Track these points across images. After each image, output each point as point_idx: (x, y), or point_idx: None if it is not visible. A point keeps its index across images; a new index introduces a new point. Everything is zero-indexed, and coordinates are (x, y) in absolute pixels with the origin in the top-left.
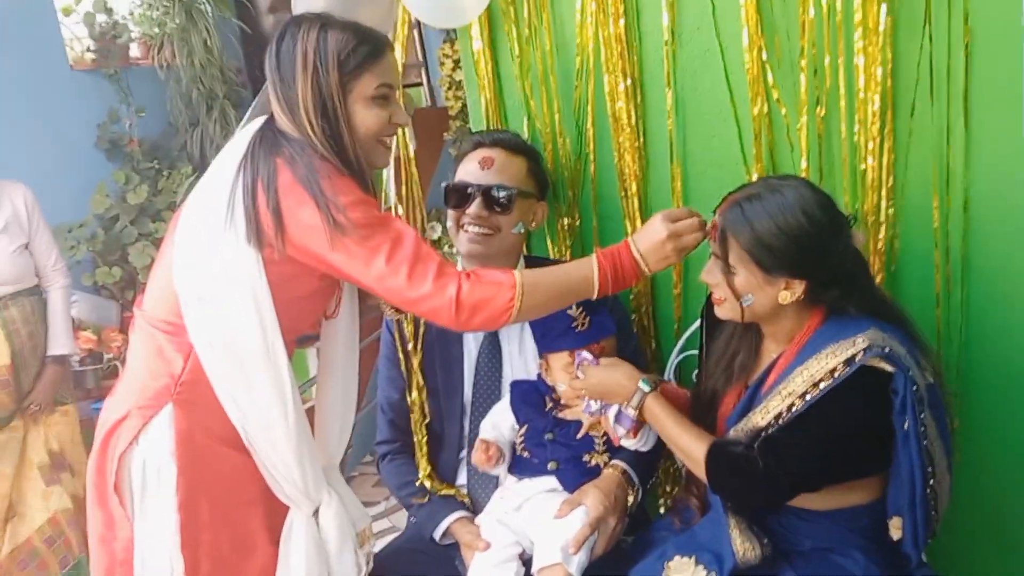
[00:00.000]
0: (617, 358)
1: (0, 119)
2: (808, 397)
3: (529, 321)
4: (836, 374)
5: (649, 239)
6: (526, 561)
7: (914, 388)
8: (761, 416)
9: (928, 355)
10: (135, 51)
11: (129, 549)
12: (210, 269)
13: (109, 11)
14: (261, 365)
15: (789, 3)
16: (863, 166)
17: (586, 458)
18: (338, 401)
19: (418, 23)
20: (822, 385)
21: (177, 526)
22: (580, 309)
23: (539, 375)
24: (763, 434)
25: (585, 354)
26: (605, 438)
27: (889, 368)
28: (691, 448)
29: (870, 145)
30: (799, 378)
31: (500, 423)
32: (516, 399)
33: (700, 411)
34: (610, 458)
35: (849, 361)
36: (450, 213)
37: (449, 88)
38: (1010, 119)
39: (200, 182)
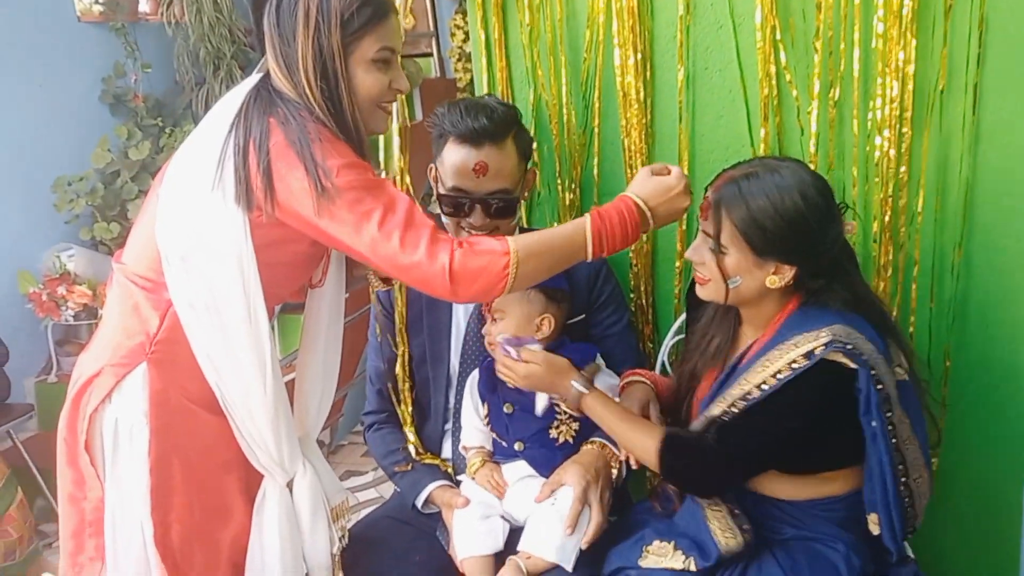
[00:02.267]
0: (545, 353)
1: (3, 68)
2: (764, 387)
3: None
4: (795, 366)
5: (657, 188)
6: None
7: (879, 387)
8: (718, 405)
9: (905, 353)
10: (144, 6)
11: (99, 509)
12: (195, 228)
13: None
14: (242, 329)
15: None
16: (877, 154)
17: (552, 433)
18: (319, 373)
19: None
20: (779, 376)
21: (148, 488)
22: None
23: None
24: (718, 421)
25: (505, 343)
26: None
27: (852, 365)
28: (642, 441)
29: (886, 132)
30: (760, 368)
31: (470, 411)
32: (481, 380)
33: (679, 393)
34: (578, 429)
35: (809, 354)
36: (446, 218)
37: (459, 60)
38: (1019, 107)
39: (190, 137)
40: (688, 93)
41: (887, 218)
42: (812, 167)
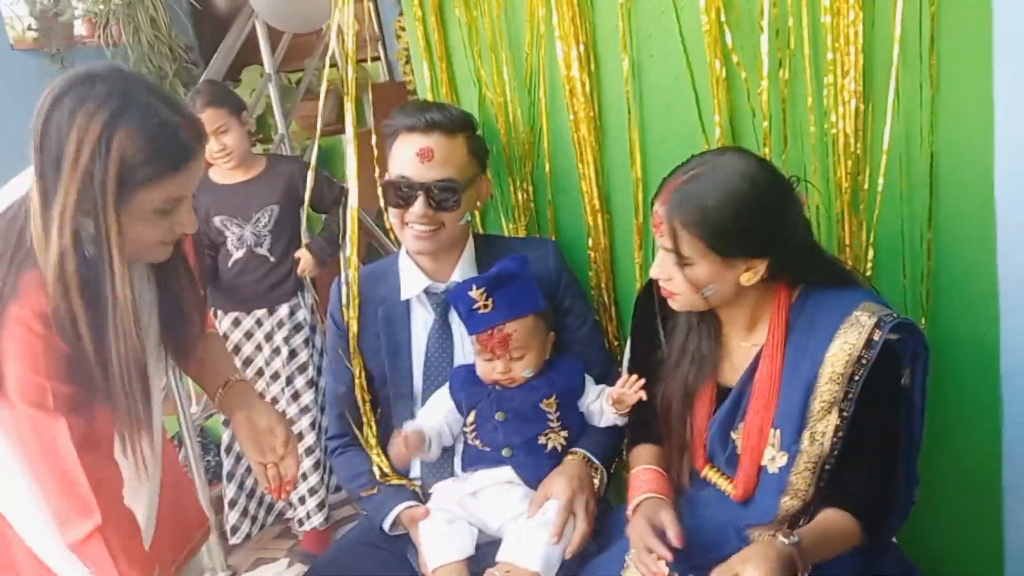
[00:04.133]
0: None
1: None
2: (851, 396)
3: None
4: (864, 362)
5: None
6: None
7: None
8: (815, 442)
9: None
10: (79, 29)
11: None
12: None
13: None
14: None
15: None
16: (833, 131)
17: (542, 440)
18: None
19: None
20: (856, 378)
21: None
22: (482, 289)
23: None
24: (832, 459)
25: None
26: (559, 413)
27: (894, 336)
28: (844, 536)
29: (841, 109)
30: (828, 385)
31: (436, 413)
32: (456, 386)
33: (672, 415)
34: (567, 436)
35: (869, 344)
36: (391, 210)
37: (407, 62)
38: (978, 79)
39: None
40: (635, 82)
41: (847, 196)
42: (767, 149)
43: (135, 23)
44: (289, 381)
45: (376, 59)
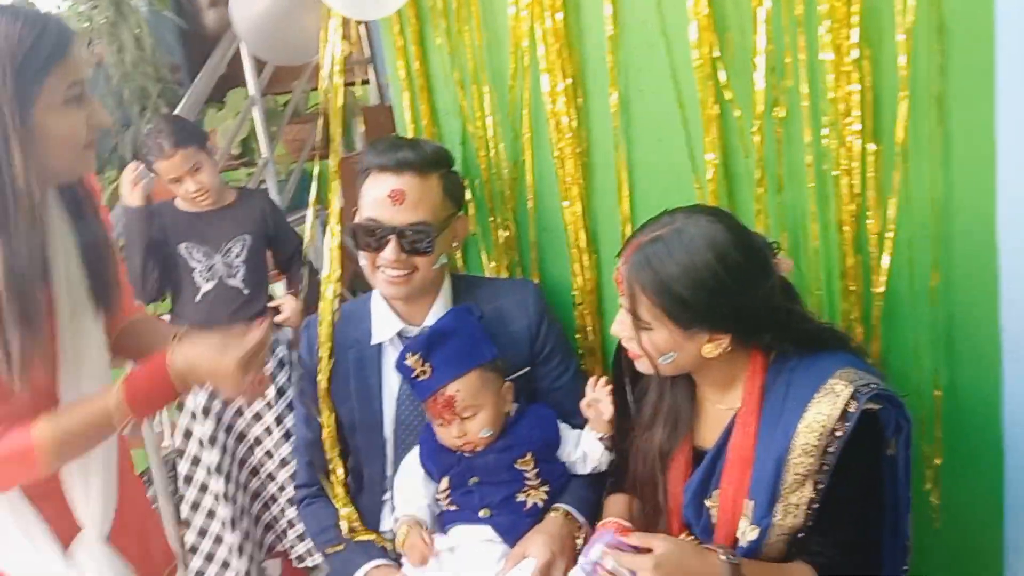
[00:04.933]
0: (664, 538)
1: None
2: (826, 468)
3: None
4: (838, 434)
5: (208, 367)
6: None
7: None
8: (788, 514)
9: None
10: None
11: None
12: None
13: (31, 6)
14: None
15: None
16: (835, 172)
17: (520, 497)
18: (73, 466)
19: None
20: (831, 450)
21: None
22: (417, 354)
23: None
24: (806, 528)
25: (598, 546)
26: (536, 469)
27: (875, 406)
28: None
29: (842, 149)
30: (801, 458)
31: (414, 485)
32: (425, 454)
33: (644, 476)
34: (548, 491)
35: (845, 415)
36: (361, 253)
37: None
38: (982, 120)
39: None
40: (623, 118)
41: (849, 239)
42: (761, 189)
43: (119, 42)
44: (279, 420)
45: (366, 83)
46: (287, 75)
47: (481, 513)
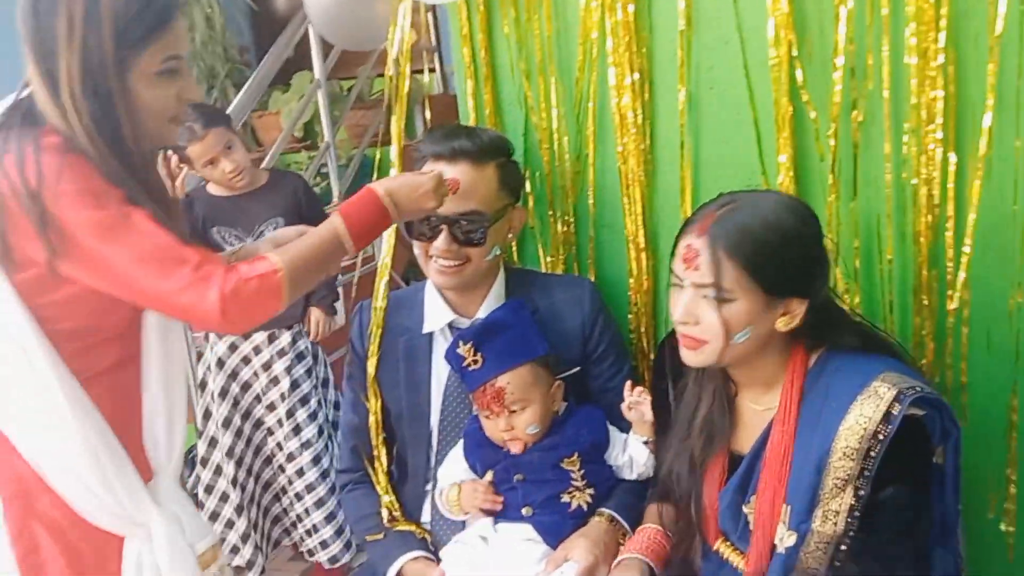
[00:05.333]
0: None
1: None
2: (867, 473)
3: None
4: (881, 437)
5: (405, 183)
6: None
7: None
8: (828, 521)
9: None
10: None
11: None
12: None
13: None
14: (28, 389)
15: None
16: (914, 180)
17: (565, 498)
18: (160, 407)
19: (433, 5)
20: (872, 454)
21: (15, 561)
22: (469, 344)
23: None
24: (847, 540)
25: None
26: (582, 470)
27: (919, 412)
28: None
29: (923, 158)
30: (841, 461)
31: (458, 477)
32: (470, 448)
33: (680, 488)
34: (593, 494)
35: (888, 418)
36: (415, 243)
37: None
38: None
39: None
40: (691, 116)
41: (925, 251)
42: (833, 196)
43: (190, 21)
44: (290, 414)
45: (432, 71)
46: (353, 60)
47: (524, 511)
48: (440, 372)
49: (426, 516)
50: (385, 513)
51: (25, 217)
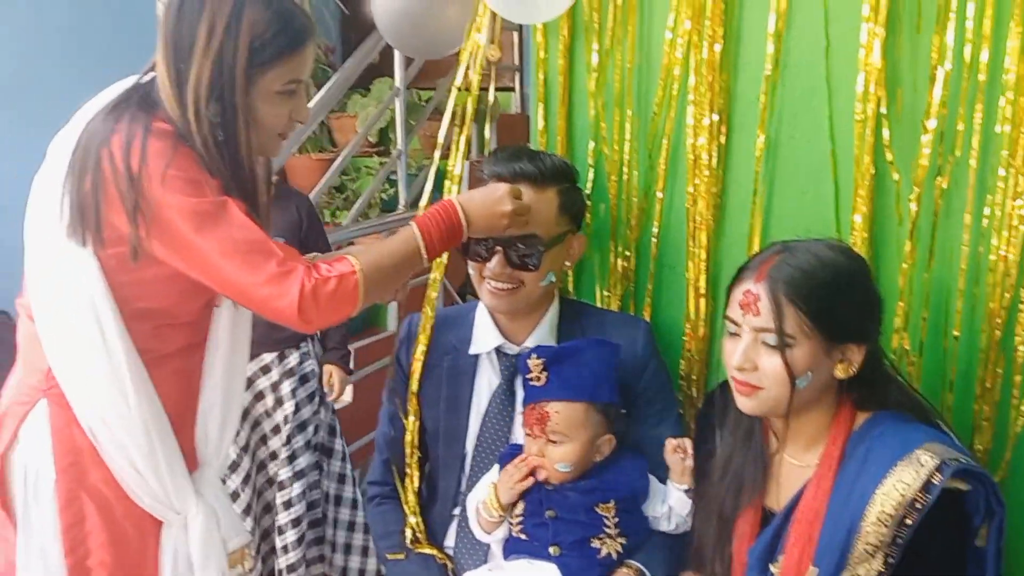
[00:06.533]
0: None
1: (84, 72)
2: (899, 541)
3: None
4: (918, 505)
5: (481, 197)
6: None
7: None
8: None
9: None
10: None
11: (14, 555)
12: (40, 250)
13: None
14: (96, 359)
15: (921, 50)
16: (992, 256)
17: (595, 544)
18: (218, 399)
19: (520, 25)
20: (908, 522)
21: (60, 530)
22: (540, 360)
23: None
24: None
25: None
26: (617, 519)
27: (963, 487)
28: None
29: (1005, 234)
30: (874, 527)
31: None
32: None
33: (711, 534)
34: (624, 544)
35: (928, 488)
36: (469, 263)
37: None
38: None
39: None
40: (768, 163)
41: (997, 332)
42: (910, 262)
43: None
44: (288, 440)
45: (511, 89)
46: (433, 71)
47: (551, 550)
48: (481, 396)
49: (450, 541)
50: (409, 533)
51: (120, 199)
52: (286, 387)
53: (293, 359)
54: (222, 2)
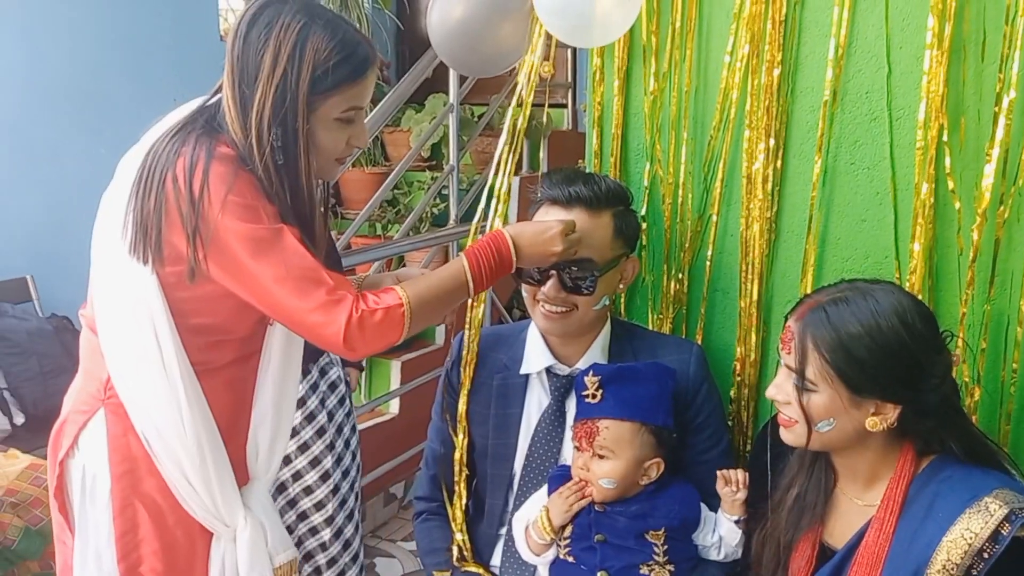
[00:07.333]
0: None
1: (145, 84)
2: None
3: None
4: (986, 556)
5: (532, 229)
6: None
7: None
8: None
9: None
10: None
11: (71, 559)
12: (104, 265)
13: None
14: (153, 371)
15: (986, 78)
16: None
17: (644, 570)
18: (269, 415)
19: None
20: (974, 572)
21: (114, 536)
22: (597, 378)
23: None
24: None
25: None
26: (667, 547)
27: None
28: None
29: None
30: (938, 574)
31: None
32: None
33: (766, 565)
34: (672, 572)
35: (996, 538)
36: (523, 285)
37: None
38: None
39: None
40: (824, 189)
41: None
42: (970, 291)
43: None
44: (316, 461)
45: (563, 106)
46: (486, 87)
47: (599, 575)
48: (531, 416)
49: (496, 560)
50: (456, 551)
51: (181, 220)
52: (313, 401)
53: (314, 373)
54: (288, 29)
